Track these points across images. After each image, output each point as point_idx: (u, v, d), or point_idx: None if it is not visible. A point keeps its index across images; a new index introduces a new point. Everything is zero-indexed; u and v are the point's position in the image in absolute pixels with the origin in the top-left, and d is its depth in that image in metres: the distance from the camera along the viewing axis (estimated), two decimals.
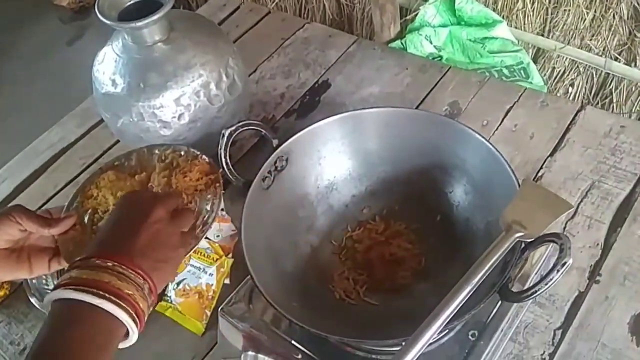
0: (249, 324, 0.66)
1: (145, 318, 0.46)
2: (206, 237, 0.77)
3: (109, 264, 0.43)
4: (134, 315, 0.43)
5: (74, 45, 2.45)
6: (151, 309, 0.47)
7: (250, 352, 0.64)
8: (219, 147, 0.70)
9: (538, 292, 0.51)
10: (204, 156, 0.71)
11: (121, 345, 0.45)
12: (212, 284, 0.75)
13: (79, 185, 0.94)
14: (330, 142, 0.72)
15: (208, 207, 0.66)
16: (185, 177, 0.67)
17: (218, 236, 0.79)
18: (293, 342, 0.64)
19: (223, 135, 0.70)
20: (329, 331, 0.55)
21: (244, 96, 0.86)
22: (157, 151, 0.73)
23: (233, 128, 0.71)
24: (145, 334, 0.63)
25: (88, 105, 1.06)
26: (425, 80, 0.98)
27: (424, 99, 0.95)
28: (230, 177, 0.70)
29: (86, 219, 0.67)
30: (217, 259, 0.76)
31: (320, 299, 0.66)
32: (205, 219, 0.64)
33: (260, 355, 0.64)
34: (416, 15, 1.33)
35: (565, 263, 0.50)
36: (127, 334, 0.45)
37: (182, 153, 0.72)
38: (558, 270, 0.50)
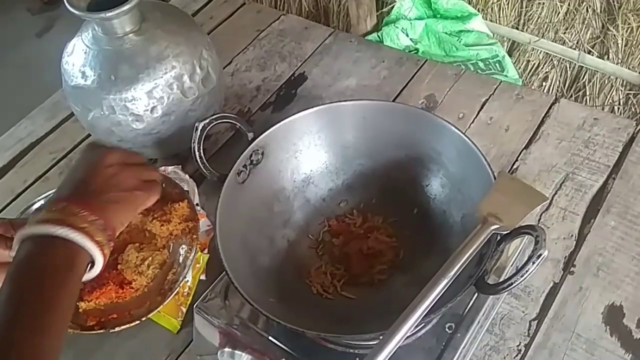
0: (225, 320, 0.65)
1: (107, 253, 0.49)
2: None
3: (62, 205, 0.47)
4: (93, 243, 0.47)
5: (43, 37, 2.40)
6: (111, 245, 0.50)
7: (226, 349, 0.63)
8: (192, 141, 0.69)
9: (514, 285, 0.51)
10: (186, 200, 0.67)
11: (86, 277, 0.48)
12: (187, 280, 0.74)
13: (49, 180, 0.92)
14: (306, 136, 0.72)
15: (180, 260, 0.64)
16: (162, 226, 0.65)
17: None
18: (270, 338, 0.63)
19: (197, 129, 0.69)
20: (306, 327, 0.54)
21: (219, 89, 0.84)
22: None
23: (207, 121, 0.70)
24: (119, 332, 0.62)
25: (58, 98, 1.03)
26: (402, 73, 0.97)
27: (400, 91, 0.95)
28: (205, 171, 0.69)
29: None
30: None
31: (297, 294, 0.66)
32: (175, 276, 0.63)
33: (237, 352, 0.63)
34: (392, 7, 1.33)
35: (540, 255, 0.50)
36: (91, 267, 0.48)
37: (164, 185, 0.64)
38: (533, 262, 0.50)
